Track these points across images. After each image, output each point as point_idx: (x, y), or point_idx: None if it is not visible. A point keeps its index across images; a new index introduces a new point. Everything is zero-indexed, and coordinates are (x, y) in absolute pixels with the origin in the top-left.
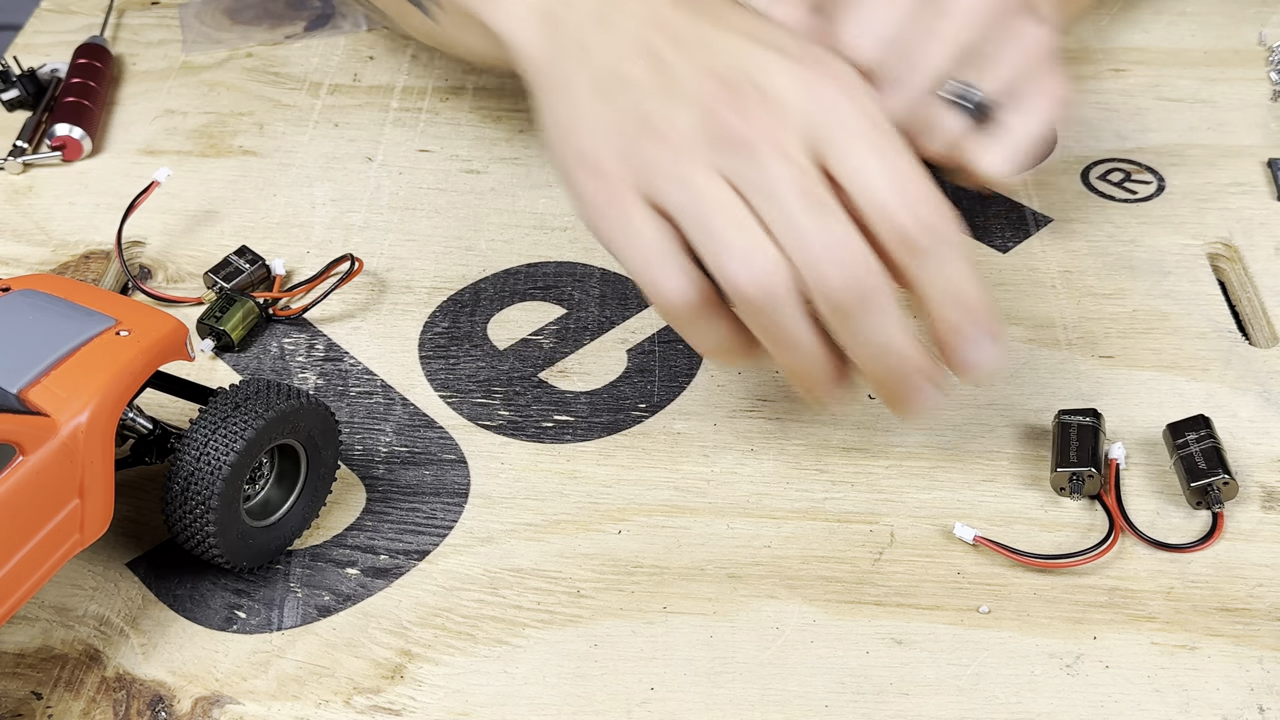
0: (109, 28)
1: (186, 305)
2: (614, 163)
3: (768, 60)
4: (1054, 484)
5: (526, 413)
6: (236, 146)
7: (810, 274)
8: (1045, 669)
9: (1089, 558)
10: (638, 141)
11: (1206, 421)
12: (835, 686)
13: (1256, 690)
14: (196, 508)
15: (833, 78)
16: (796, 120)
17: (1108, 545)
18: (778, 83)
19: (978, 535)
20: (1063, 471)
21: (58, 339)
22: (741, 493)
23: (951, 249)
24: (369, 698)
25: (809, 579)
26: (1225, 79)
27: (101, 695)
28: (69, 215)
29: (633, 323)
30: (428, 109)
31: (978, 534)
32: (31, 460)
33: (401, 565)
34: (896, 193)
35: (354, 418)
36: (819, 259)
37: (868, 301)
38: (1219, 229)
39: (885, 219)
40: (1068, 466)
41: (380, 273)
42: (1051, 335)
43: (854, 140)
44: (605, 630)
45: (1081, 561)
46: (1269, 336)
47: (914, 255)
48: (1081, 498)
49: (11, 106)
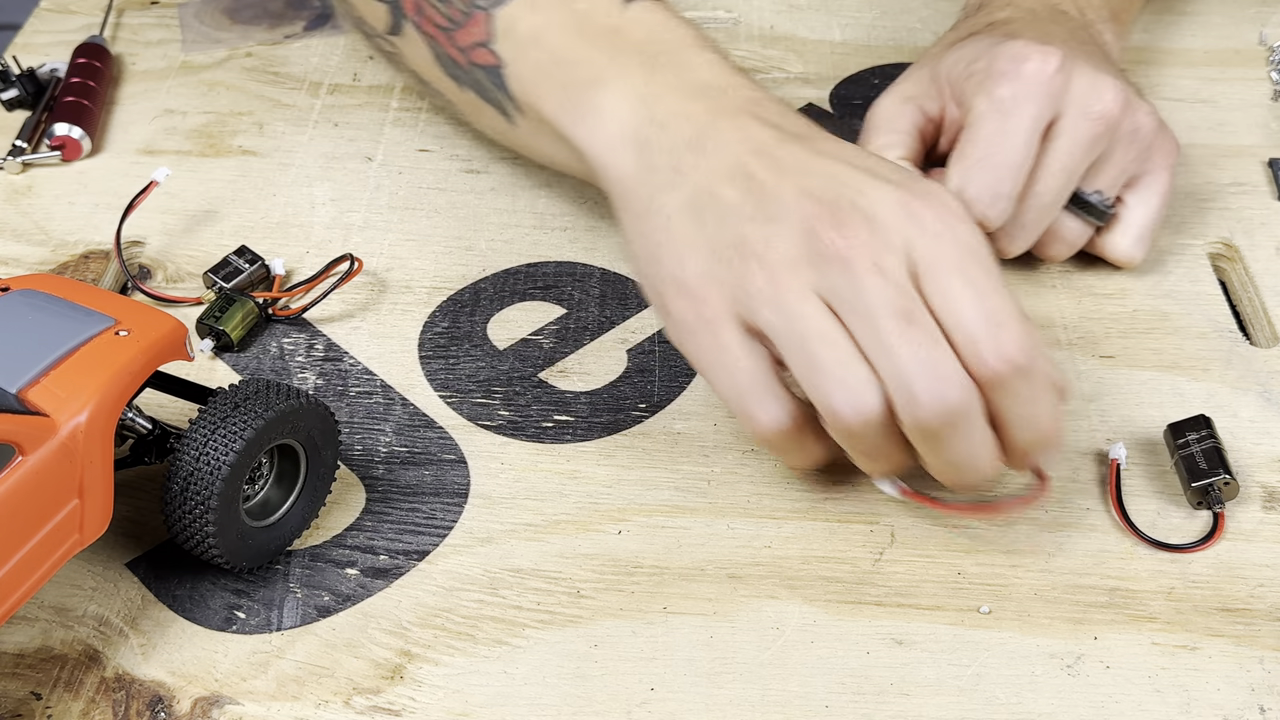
0: (108, 27)
1: (186, 305)
2: (709, 285)
3: (866, 183)
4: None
5: (526, 413)
6: (236, 146)
7: (902, 397)
8: (1046, 669)
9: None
10: (733, 263)
11: (1207, 421)
12: (835, 687)
13: (1257, 690)
14: (196, 508)
15: (932, 203)
16: (895, 241)
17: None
18: (877, 205)
19: (903, 488)
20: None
21: (57, 339)
22: (741, 493)
23: (1034, 384)
24: (369, 698)
25: (809, 579)
26: (1225, 79)
27: (101, 695)
28: (68, 215)
29: (633, 323)
30: (428, 109)
31: (902, 486)
32: (31, 460)
33: (401, 565)
34: (987, 330)
35: (354, 418)
36: (912, 383)
37: (956, 427)
38: (1219, 229)
39: (974, 354)
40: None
41: (380, 272)
42: (1052, 335)
43: (950, 269)
44: (605, 630)
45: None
46: (1270, 336)
47: (997, 390)
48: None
49: (11, 106)
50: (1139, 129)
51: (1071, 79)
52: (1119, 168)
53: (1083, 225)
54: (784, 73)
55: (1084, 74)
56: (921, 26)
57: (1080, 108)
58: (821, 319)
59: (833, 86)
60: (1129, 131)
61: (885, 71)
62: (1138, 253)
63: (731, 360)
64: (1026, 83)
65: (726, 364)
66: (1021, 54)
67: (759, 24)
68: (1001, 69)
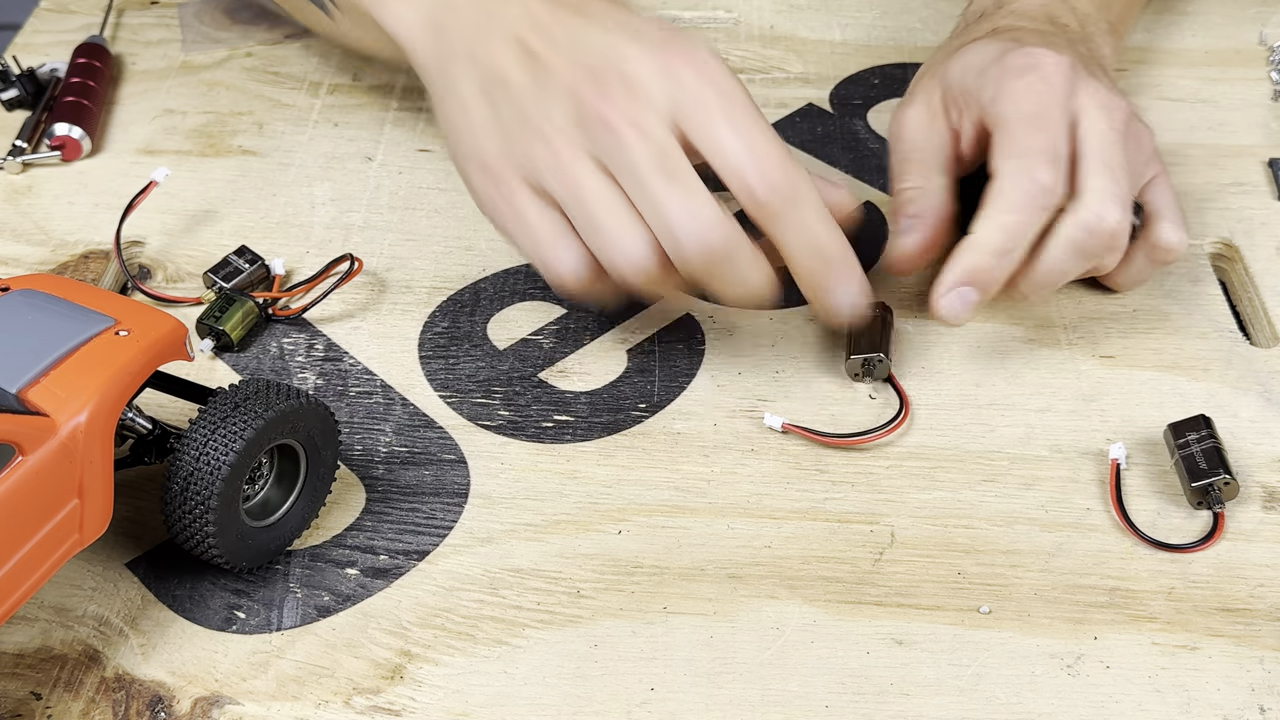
0: (108, 27)
1: (186, 305)
2: (503, 162)
3: (629, 48)
4: (848, 370)
5: (526, 413)
6: (236, 146)
7: (670, 244)
8: (1046, 669)
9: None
10: (521, 140)
11: (1207, 421)
12: (835, 687)
13: (1257, 690)
14: (196, 508)
15: (691, 57)
16: (656, 99)
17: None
18: (637, 67)
19: (785, 422)
20: (855, 358)
21: (57, 339)
22: (741, 493)
23: (802, 206)
24: (369, 698)
25: (809, 579)
26: (1225, 79)
27: (101, 695)
28: (68, 215)
29: (633, 323)
30: (427, 108)
31: (785, 421)
32: (31, 460)
33: (401, 565)
34: (748, 159)
35: (354, 418)
36: (676, 232)
37: (725, 263)
38: (1220, 229)
39: (743, 189)
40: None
41: (380, 272)
42: (1052, 335)
43: (710, 116)
44: (605, 630)
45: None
46: (1270, 336)
47: (767, 217)
48: (875, 381)
49: (11, 106)
50: (1140, 136)
51: (1081, 79)
52: (1135, 171)
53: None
54: (784, 73)
55: (1090, 79)
56: (922, 26)
57: (1097, 102)
58: (595, 181)
59: (833, 86)
60: (1135, 137)
61: (885, 71)
62: (1182, 237)
63: (528, 223)
64: (1048, 77)
65: (524, 227)
66: (1035, 54)
67: (759, 24)
68: (1019, 67)
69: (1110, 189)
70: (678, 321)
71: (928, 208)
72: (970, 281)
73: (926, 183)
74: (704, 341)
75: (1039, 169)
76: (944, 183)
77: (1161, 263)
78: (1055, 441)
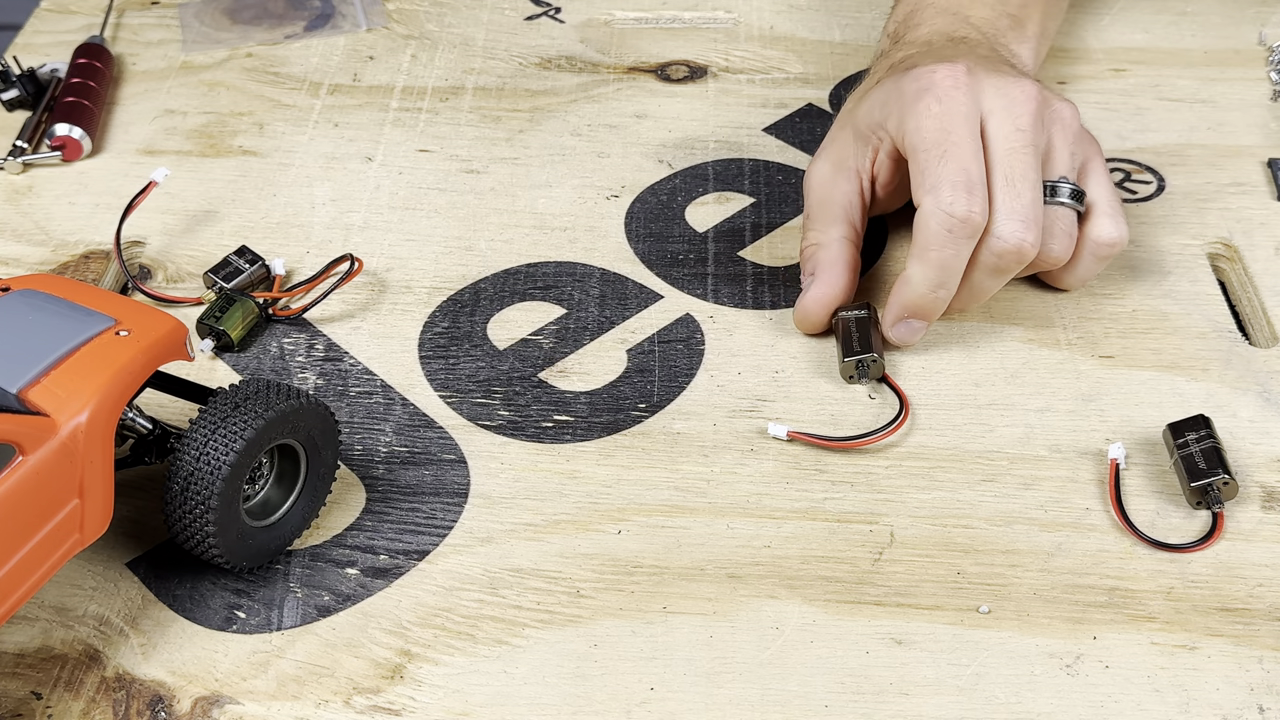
0: (109, 27)
1: (186, 305)
2: None
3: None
4: (843, 374)
5: (526, 413)
6: (236, 146)
7: None
8: (1045, 669)
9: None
10: None
11: (1206, 421)
12: (835, 686)
13: (1256, 690)
14: (196, 508)
15: None
16: None
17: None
18: None
19: (790, 430)
20: (849, 361)
21: (57, 339)
22: (741, 493)
23: None
24: (369, 698)
25: (809, 579)
26: (1225, 79)
27: (101, 695)
28: (69, 215)
29: (633, 323)
30: (427, 109)
31: (790, 429)
32: (31, 460)
33: (401, 565)
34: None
35: (354, 418)
36: None
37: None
38: (1219, 229)
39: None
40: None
41: (380, 273)
42: (1052, 335)
43: None
44: (605, 630)
45: (880, 437)
46: (1269, 336)
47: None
48: (870, 381)
49: (11, 106)
50: (1063, 116)
51: (981, 80)
52: (1068, 152)
53: (1069, 211)
54: (784, 73)
55: (990, 76)
56: None
57: (1003, 100)
58: None
59: (833, 86)
60: (1056, 119)
61: None
62: (1123, 230)
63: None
64: (943, 95)
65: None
66: (926, 73)
67: (759, 24)
68: (914, 91)
69: (1010, 206)
70: (678, 321)
71: (824, 260)
72: (911, 315)
73: (824, 236)
74: (704, 341)
75: (953, 201)
76: (841, 233)
77: (1105, 258)
78: (1054, 441)
